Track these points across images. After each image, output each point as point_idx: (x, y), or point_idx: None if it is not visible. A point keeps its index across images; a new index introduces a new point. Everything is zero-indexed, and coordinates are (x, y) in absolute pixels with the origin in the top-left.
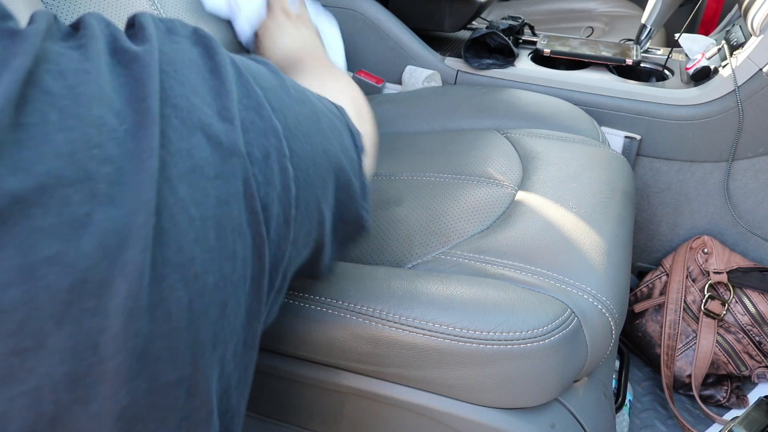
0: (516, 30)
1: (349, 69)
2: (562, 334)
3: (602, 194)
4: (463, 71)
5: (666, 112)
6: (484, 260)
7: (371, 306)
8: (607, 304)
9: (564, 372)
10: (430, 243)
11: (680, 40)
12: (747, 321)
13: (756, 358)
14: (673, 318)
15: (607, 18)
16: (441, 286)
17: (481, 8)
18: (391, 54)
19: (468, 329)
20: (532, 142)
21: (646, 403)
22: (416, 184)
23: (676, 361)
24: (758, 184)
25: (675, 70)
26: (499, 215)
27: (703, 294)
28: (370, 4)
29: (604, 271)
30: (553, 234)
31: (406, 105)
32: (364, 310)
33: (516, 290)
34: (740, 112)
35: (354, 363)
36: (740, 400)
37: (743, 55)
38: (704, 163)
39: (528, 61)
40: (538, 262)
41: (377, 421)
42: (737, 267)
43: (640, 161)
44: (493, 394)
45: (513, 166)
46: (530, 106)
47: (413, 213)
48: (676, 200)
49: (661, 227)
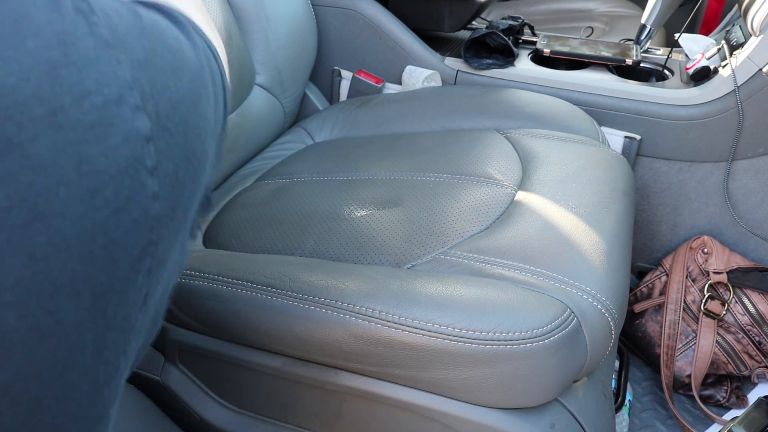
0: (516, 30)
1: (349, 69)
2: (562, 334)
3: (602, 194)
4: (462, 71)
5: (666, 112)
6: (483, 260)
7: (371, 306)
8: (607, 304)
9: (564, 372)
10: (430, 243)
11: (680, 40)
12: (747, 321)
13: (756, 358)
14: (672, 318)
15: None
16: (440, 286)
17: (481, 8)
18: (391, 54)
19: (467, 329)
20: (532, 142)
21: (645, 403)
22: (416, 184)
23: (675, 361)
24: (758, 184)
25: (675, 70)
26: (499, 215)
27: (703, 294)
28: (370, 4)
29: (603, 271)
30: (553, 234)
31: (406, 105)
32: (364, 310)
33: (515, 290)
34: (740, 112)
35: (353, 363)
36: (740, 400)
37: (743, 55)
38: (704, 163)
39: (528, 61)
40: (537, 262)
41: (377, 421)
42: (737, 267)
43: (640, 161)
44: (493, 395)
45: (513, 166)
46: (530, 106)
47: (413, 213)
48: (676, 200)
49: (661, 227)
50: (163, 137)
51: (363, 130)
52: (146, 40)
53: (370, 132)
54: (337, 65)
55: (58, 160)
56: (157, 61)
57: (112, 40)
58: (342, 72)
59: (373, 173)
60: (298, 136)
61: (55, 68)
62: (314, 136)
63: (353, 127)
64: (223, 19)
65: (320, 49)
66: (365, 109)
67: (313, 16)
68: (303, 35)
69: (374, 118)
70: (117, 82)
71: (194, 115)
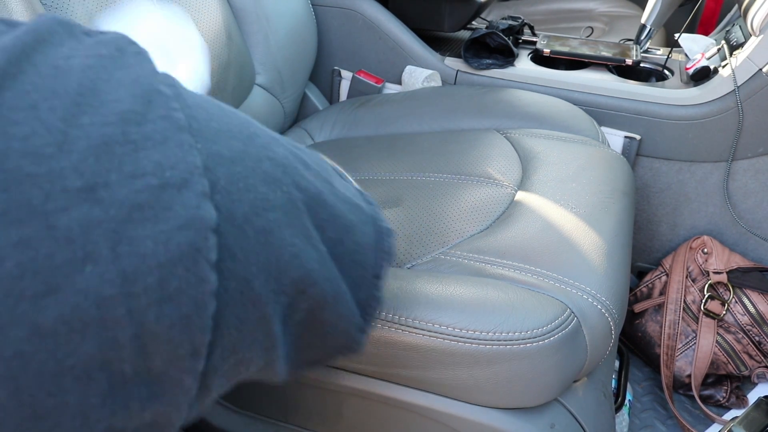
0: (516, 30)
1: (349, 69)
2: (562, 334)
3: (602, 194)
4: (462, 71)
5: (666, 112)
6: (483, 260)
7: None
8: (607, 304)
9: (563, 372)
10: (430, 243)
11: (680, 40)
12: (747, 321)
13: (756, 358)
14: (672, 318)
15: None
16: (440, 286)
17: (480, 8)
18: (391, 54)
19: (467, 329)
20: (532, 142)
21: (645, 403)
22: (416, 184)
23: (675, 361)
24: (758, 184)
25: (675, 70)
26: (499, 215)
27: (703, 294)
28: (370, 4)
29: (603, 271)
30: (553, 234)
31: (405, 105)
32: None
33: (515, 290)
34: (740, 112)
35: (353, 363)
36: (740, 400)
37: (743, 55)
38: (704, 163)
39: (528, 61)
40: (537, 262)
41: (377, 421)
42: (737, 267)
43: (640, 161)
44: (493, 394)
45: (512, 166)
46: (530, 106)
47: (413, 213)
48: (675, 200)
49: (660, 227)
50: (234, 236)
51: (363, 130)
52: (240, 141)
53: (370, 132)
54: (337, 65)
55: (91, 236)
56: (248, 162)
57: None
58: (342, 72)
59: (373, 173)
60: (298, 136)
61: (107, 144)
62: (314, 136)
63: (353, 127)
64: (223, 19)
65: (320, 49)
66: (365, 109)
67: (313, 16)
68: (303, 35)
69: (374, 118)
70: (184, 166)
71: (286, 235)
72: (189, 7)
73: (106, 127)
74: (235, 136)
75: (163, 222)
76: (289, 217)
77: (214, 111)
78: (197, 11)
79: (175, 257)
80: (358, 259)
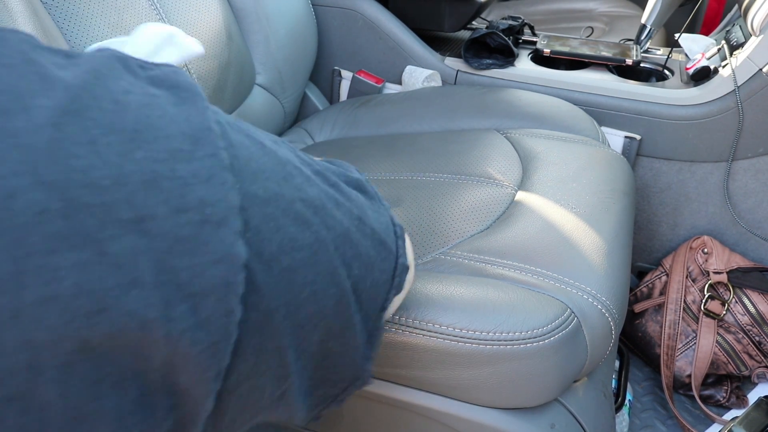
0: (516, 30)
1: (349, 69)
2: (562, 334)
3: (602, 194)
4: (463, 71)
5: (666, 112)
6: (483, 260)
7: None
8: (607, 304)
9: (564, 372)
10: (430, 243)
11: (680, 40)
12: (747, 321)
13: (756, 358)
14: (672, 318)
15: (607, 18)
16: (440, 286)
17: (481, 8)
18: (391, 54)
19: (467, 329)
20: (532, 142)
21: (646, 403)
22: (416, 184)
23: (676, 361)
24: (758, 184)
25: (675, 70)
26: (499, 215)
27: (703, 294)
28: (370, 4)
29: (603, 271)
30: (553, 234)
31: (406, 105)
32: None
33: (516, 290)
34: (740, 112)
35: None
36: (740, 400)
37: (743, 55)
38: (704, 163)
39: (528, 61)
40: (537, 262)
41: (377, 421)
42: (737, 267)
43: (640, 161)
44: (493, 394)
45: (513, 166)
46: (530, 106)
47: (413, 213)
48: (676, 200)
49: (661, 227)
50: (261, 272)
51: (363, 130)
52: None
53: (370, 132)
54: (337, 65)
55: (138, 263)
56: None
57: (229, 166)
58: (342, 72)
59: (373, 173)
60: (298, 136)
61: (157, 180)
62: (314, 136)
63: (353, 127)
64: (223, 19)
65: (320, 49)
66: (365, 109)
67: (313, 16)
68: (303, 35)
69: (374, 118)
70: (224, 205)
71: (309, 273)
72: (189, 7)
73: (157, 163)
74: (270, 177)
75: (200, 255)
76: (315, 256)
77: (254, 150)
78: (197, 11)
79: (208, 289)
80: (373, 294)
